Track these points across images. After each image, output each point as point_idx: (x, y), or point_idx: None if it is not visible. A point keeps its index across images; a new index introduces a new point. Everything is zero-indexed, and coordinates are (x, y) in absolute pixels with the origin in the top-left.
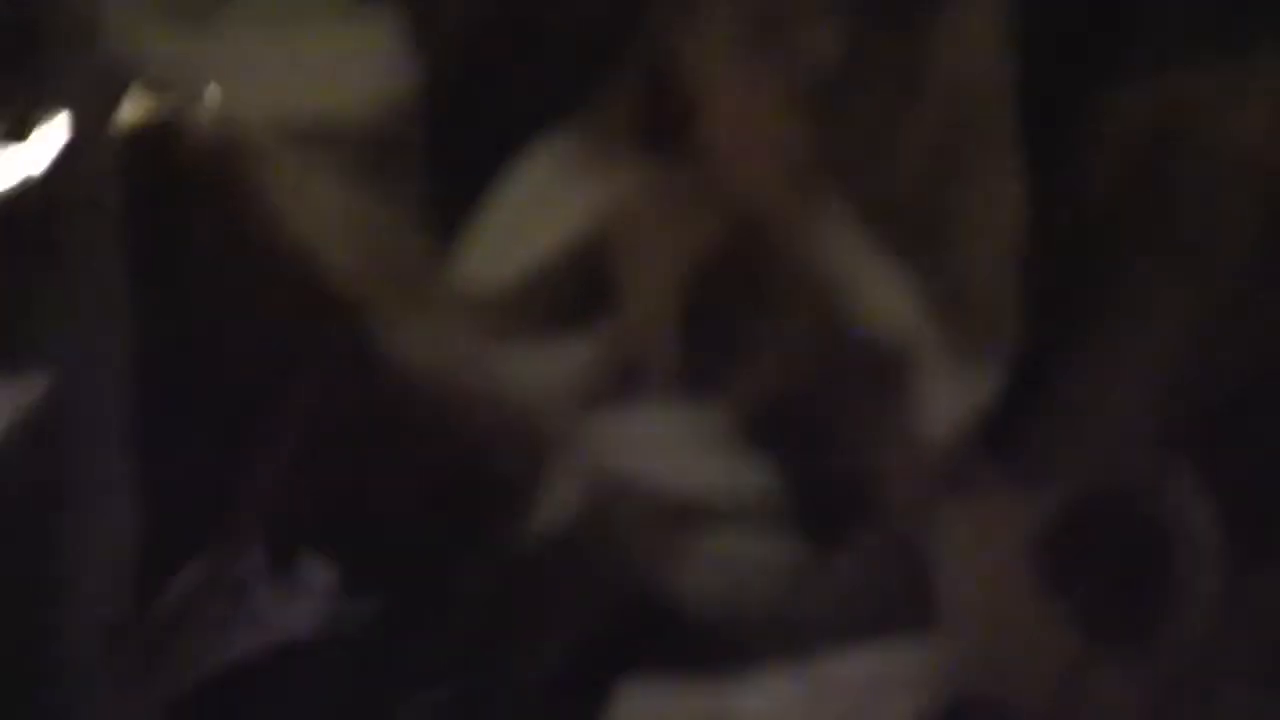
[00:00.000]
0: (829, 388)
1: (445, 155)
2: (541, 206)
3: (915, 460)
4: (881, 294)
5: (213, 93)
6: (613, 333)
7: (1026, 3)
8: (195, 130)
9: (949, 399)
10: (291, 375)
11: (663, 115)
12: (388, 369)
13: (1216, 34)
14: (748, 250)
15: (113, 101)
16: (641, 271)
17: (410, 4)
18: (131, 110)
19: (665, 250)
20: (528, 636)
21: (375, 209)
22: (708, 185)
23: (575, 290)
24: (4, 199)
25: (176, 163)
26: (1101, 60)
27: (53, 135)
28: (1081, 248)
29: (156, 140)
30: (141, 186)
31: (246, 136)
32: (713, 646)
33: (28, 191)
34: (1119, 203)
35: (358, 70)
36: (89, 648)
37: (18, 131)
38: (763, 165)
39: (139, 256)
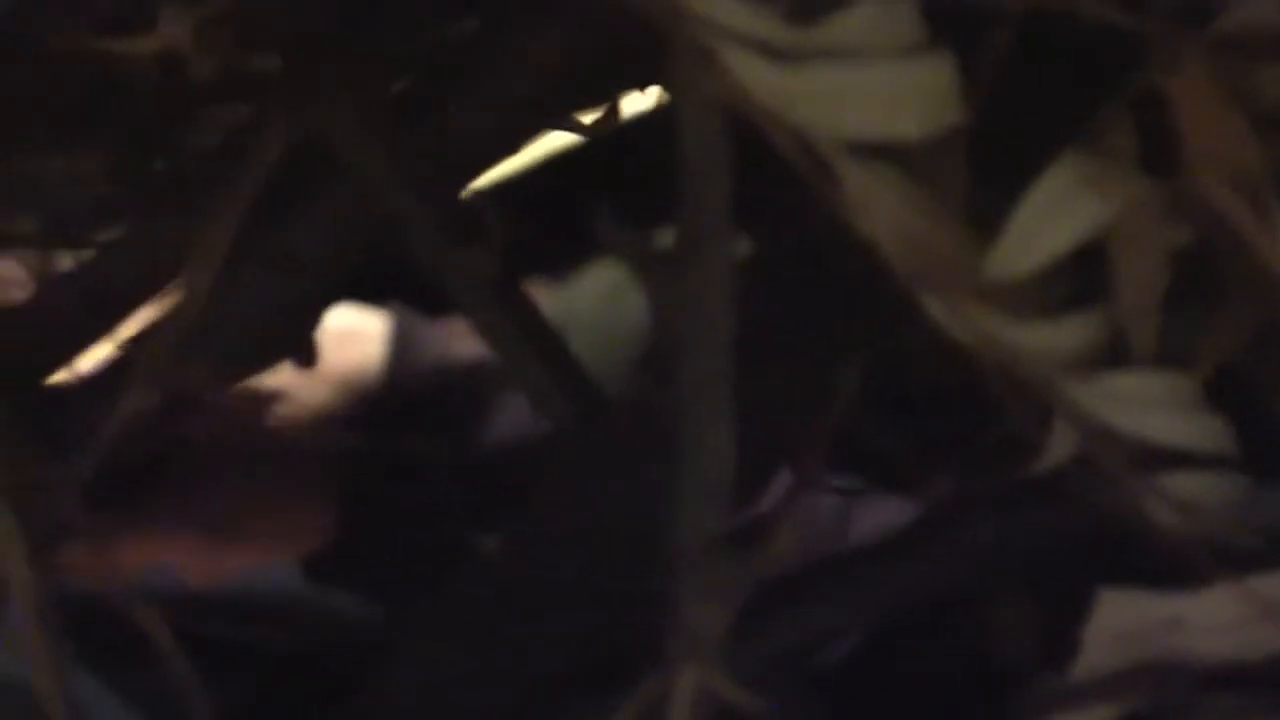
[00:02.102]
0: (1266, 357)
1: (983, 168)
2: (1059, 212)
3: None
4: None
5: (798, 113)
6: (1107, 313)
7: None
8: (783, 136)
9: None
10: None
11: (1155, 140)
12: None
13: None
14: (1212, 247)
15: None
16: (1131, 264)
17: (958, 51)
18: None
19: (1150, 247)
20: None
21: (928, 211)
22: (1184, 196)
23: (1079, 279)
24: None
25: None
26: None
27: None
28: None
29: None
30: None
31: (824, 150)
32: (1173, 566)
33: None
34: None
35: (917, 102)
36: (697, 554)
37: None
38: (1227, 179)
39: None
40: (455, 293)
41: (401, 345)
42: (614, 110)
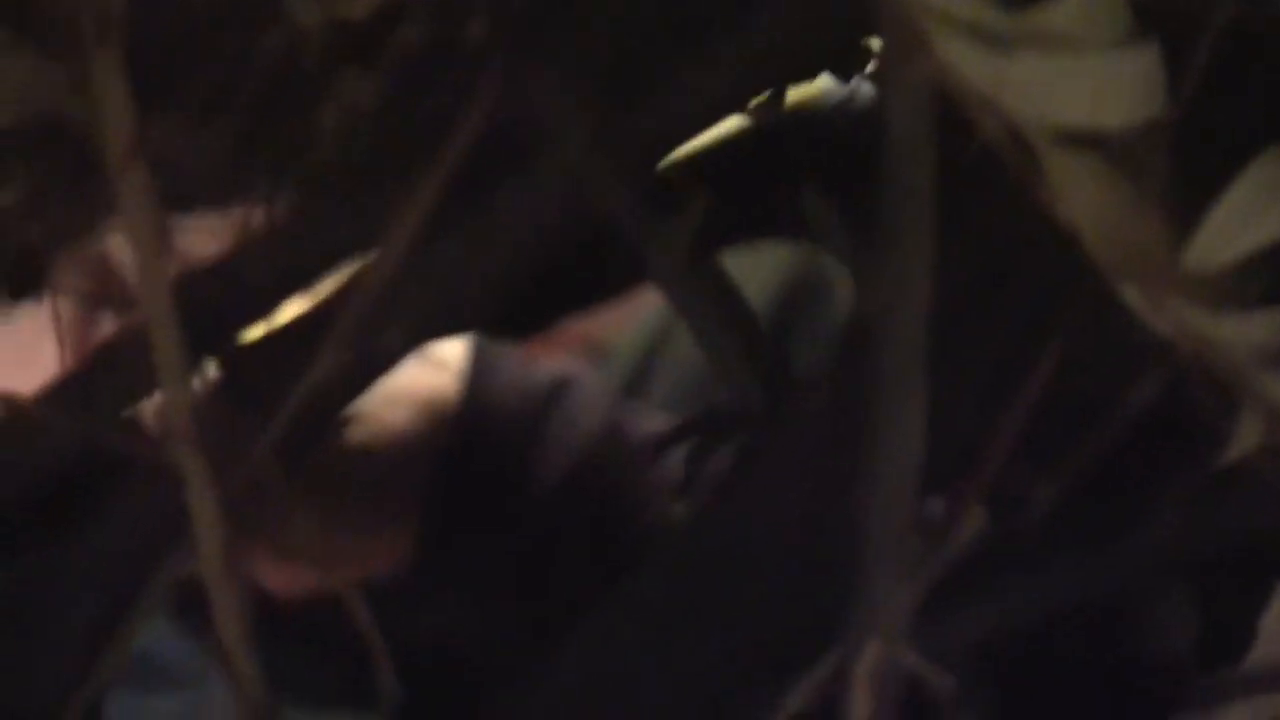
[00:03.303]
0: None
1: (1185, 162)
2: (1258, 208)
3: None
4: None
5: (1006, 98)
6: None
7: None
8: (990, 122)
9: None
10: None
11: None
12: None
13: None
14: None
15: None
16: None
17: (1166, 45)
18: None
19: None
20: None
21: (1130, 201)
22: None
23: (1274, 273)
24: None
25: (978, 144)
26: None
27: None
28: None
29: (966, 123)
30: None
31: (1030, 137)
32: None
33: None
34: None
35: (1124, 92)
36: (886, 535)
37: None
38: None
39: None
40: (652, 267)
41: (479, 369)
42: (780, 95)
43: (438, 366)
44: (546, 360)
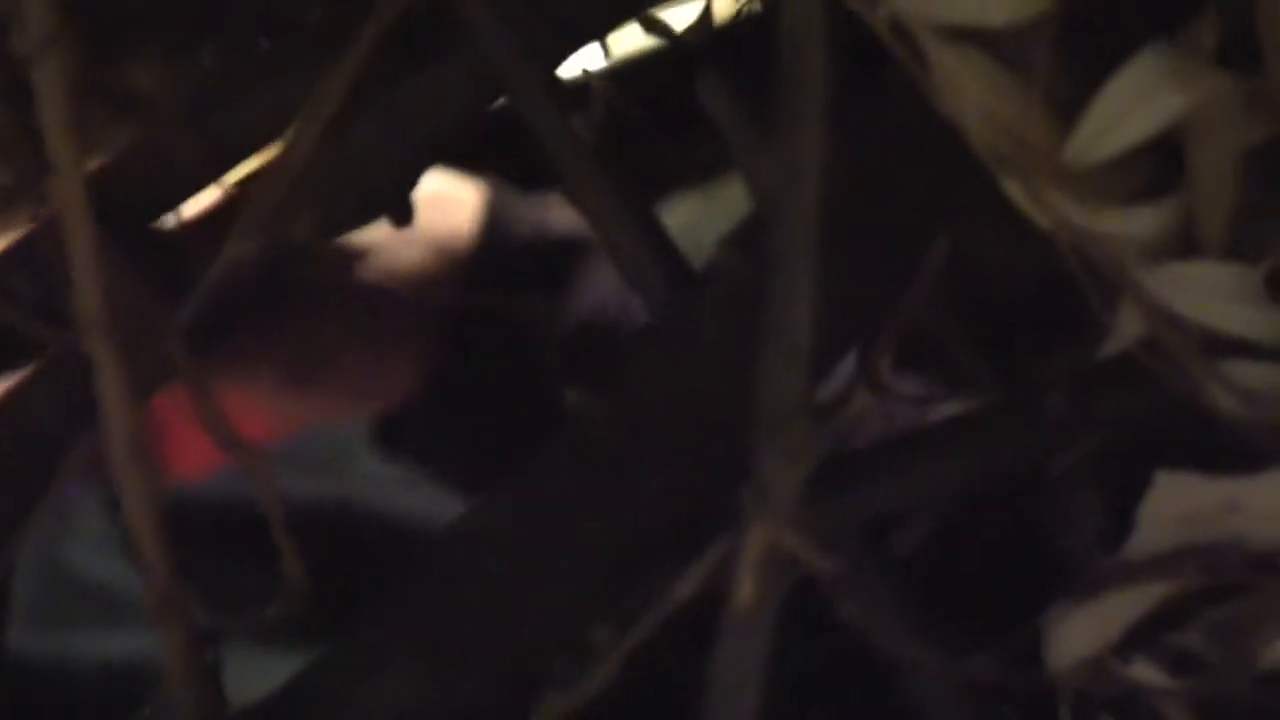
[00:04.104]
0: None
1: (1069, 57)
2: (1138, 103)
3: None
4: None
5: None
6: (1179, 204)
7: None
8: (877, 20)
9: None
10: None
11: (1237, 39)
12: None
13: None
14: None
15: None
16: (1205, 158)
17: None
18: None
19: (1225, 143)
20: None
21: (1013, 96)
22: (1262, 95)
23: (1154, 168)
24: None
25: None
26: None
27: None
28: None
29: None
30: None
31: (916, 32)
32: (1232, 448)
33: None
34: None
35: None
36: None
37: None
38: None
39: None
40: (556, 161)
41: (496, 212)
42: (708, 15)
43: (454, 206)
44: (562, 213)
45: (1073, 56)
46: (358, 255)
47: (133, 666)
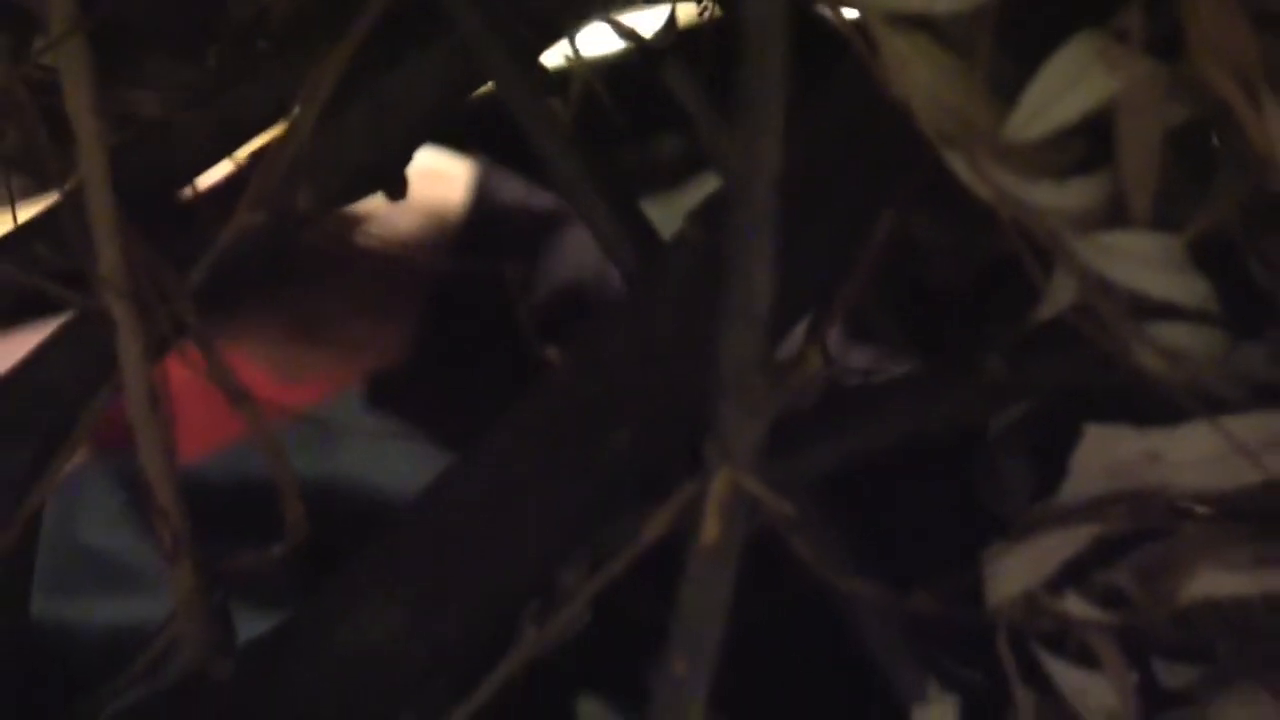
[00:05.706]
0: (1249, 226)
1: (1008, 41)
2: (1071, 84)
3: None
4: None
5: None
6: (1110, 178)
7: None
8: (831, 7)
9: None
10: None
11: (1162, 27)
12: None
13: None
14: (1206, 126)
15: None
16: (1133, 136)
17: None
18: None
19: (1151, 122)
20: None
21: (956, 78)
22: (1185, 78)
23: (1086, 145)
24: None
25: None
26: None
27: None
28: None
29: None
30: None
31: (869, 22)
32: (1157, 403)
33: None
34: None
35: None
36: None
37: None
38: (1224, 66)
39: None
40: (534, 140)
41: (484, 186)
42: (673, 20)
43: (445, 180)
44: (545, 189)
45: (1012, 42)
46: (355, 224)
47: (140, 634)
